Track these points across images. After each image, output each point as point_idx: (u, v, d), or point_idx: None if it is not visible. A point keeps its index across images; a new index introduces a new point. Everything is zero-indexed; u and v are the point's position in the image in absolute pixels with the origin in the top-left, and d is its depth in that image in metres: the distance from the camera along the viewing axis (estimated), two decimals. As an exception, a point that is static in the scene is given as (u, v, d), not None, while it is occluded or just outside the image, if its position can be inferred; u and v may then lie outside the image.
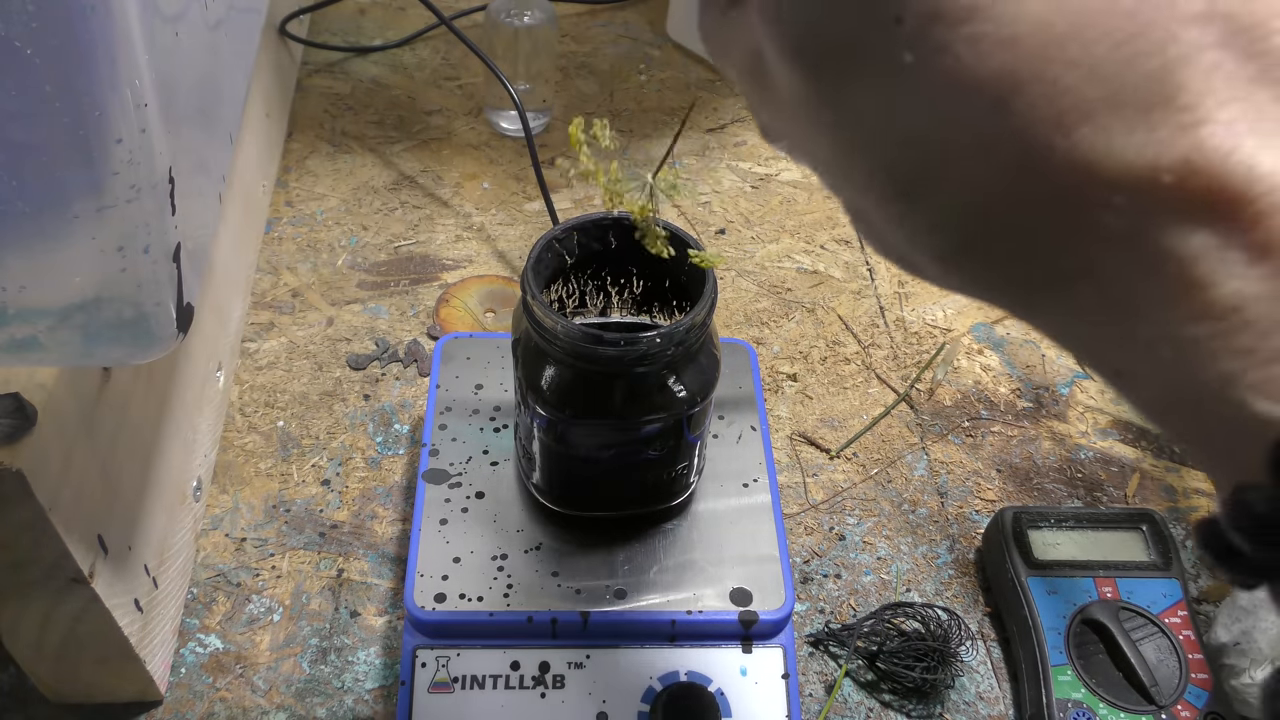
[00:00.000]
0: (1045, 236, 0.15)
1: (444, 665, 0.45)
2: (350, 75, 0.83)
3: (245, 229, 0.65)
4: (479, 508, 0.48)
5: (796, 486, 0.59)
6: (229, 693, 0.49)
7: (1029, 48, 0.14)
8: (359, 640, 0.51)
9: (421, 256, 0.70)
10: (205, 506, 0.56)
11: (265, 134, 0.71)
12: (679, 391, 0.42)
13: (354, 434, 0.60)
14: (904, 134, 0.16)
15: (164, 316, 0.34)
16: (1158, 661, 0.49)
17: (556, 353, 0.40)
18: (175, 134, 0.33)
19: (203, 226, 0.38)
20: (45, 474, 0.36)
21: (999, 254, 0.16)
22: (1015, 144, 0.14)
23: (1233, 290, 0.14)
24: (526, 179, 0.76)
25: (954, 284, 0.17)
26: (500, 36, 0.74)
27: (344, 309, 0.66)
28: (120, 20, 0.28)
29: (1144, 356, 0.15)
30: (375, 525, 0.56)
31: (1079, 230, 0.14)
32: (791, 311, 0.68)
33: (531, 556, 0.47)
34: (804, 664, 0.52)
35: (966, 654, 0.52)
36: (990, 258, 0.16)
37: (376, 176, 0.75)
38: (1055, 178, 0.14)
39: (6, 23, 0.25)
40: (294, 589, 0.53)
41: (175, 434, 0.51)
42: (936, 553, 0.57)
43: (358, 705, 0.49)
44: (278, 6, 0.77)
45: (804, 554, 0.56)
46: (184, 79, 0.35)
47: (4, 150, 0.28)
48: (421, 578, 0.45)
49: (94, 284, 0.32)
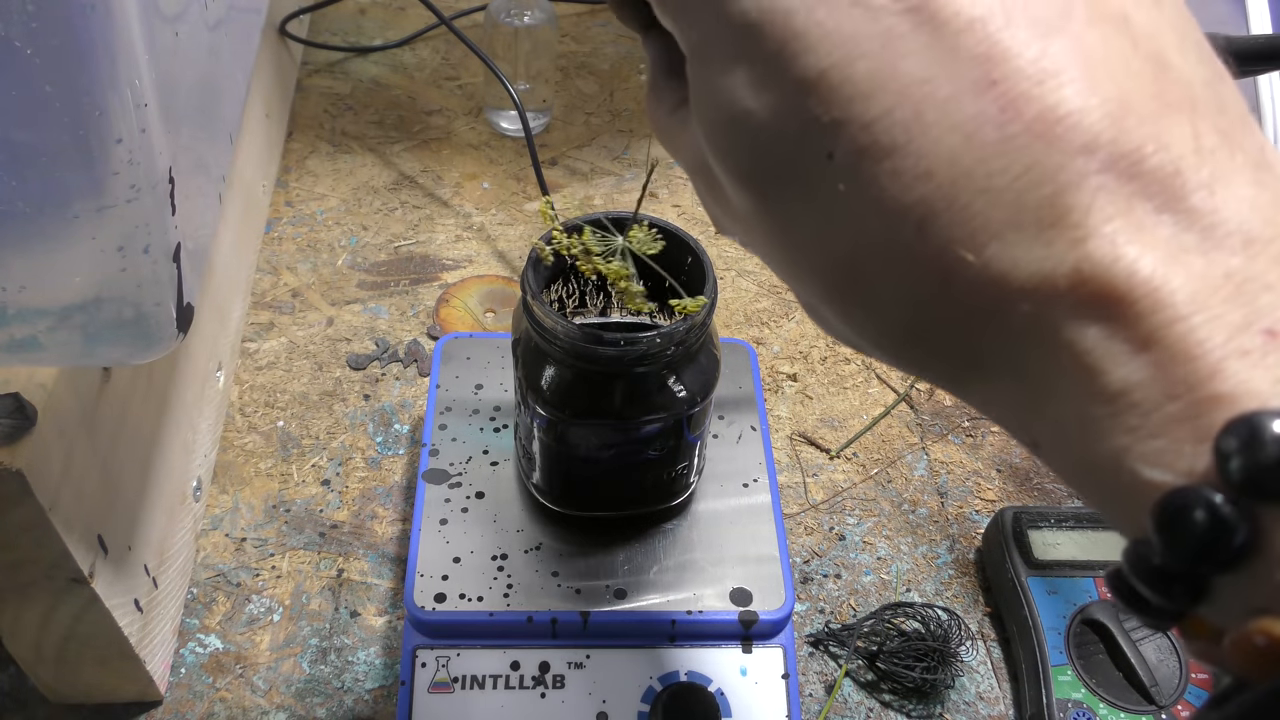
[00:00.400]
0: (969, 333, 0.18)
1: (444, 665, 0.45)
2: (350, 75, 0.83)
3: (245, 229, 0.65)
4: (479, 508, 0.48)
5: (796, 486, 0.59)
6: (229, 693, 0.49)
7: (943, 179, 0.16)
8: (359, 640, 0.51)
9: (421, 256, 0.70)
10: (205, 506, 0.56)
11: (265, 134, 0.71)
12: (679, 391, 0.42)
13: (354, 434, 0.60)
14: (843, 250, 0.18)
15: (164, 316, 0.34)
16: (1158, 661, 0.49)
17: (556, 353, 0.40)
18: (175, 134, 0.33)
19: (203, 226, 0.38)
20: (45, 474, 0.36)
21: (932, 347, 0.18)
22: (938, 260, 0.17)
23: (1120, 377, 0.16)
24: (526, 179, 0.76)
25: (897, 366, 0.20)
26: (500, 36, 0.74)
27: (344, 309, 0.66)
28: (120, 20, 0.28)
29: (1054, 431, 0.17)
30: (375, 525, 0.56)
31: (996, 328, 0.17)
32: (791, 311, 0.68)
33: (531, 556, 0.47)
34: (804, 664, 0.52)
35: (966, 654, 0.52)
36: (925, 350, 0.18)
37: (376, 176, 0.75)
38: (972, 287, 0.17)
39: (6, 23, 0.25)
40: (294, 589, 0.53)
41: (175, 434, 0.51)
42: (936, 553, 0.57)
43: (358, 705, 0.49)
44: (278, 6, 0.77)
45: (804, 554, 0.56)
46: (184, 79, 0.35)
47: (4, 150, 0.28)
48: (421, 578, 0.45)
49: (94, 284, 0.32)
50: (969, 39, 0.16)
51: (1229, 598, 0.16)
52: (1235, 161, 0.17)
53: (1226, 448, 0.15)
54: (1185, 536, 0.15)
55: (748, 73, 0.18)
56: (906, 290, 0.18)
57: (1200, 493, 0.15)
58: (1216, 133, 0.17)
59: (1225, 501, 0.15)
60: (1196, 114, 0.17)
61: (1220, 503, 0.15)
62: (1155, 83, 0.17)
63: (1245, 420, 0.15)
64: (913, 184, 0.17)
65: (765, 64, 0.18)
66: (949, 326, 0.18)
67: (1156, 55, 0.17)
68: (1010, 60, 0.16)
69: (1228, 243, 0.16)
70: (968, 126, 0.16)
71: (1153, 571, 0.16)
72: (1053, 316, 0.17)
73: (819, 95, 0.17)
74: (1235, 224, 0.16)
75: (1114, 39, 0.17)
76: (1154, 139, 0.16)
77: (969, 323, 0.17)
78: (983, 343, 0.18)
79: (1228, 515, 0.15)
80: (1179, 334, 0.16)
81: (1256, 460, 0.15)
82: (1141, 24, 0.17)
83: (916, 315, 0.18)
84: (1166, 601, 0.16)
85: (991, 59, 0.16)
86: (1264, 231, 0.16)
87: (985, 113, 0.16)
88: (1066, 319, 0.16)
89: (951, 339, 0.18)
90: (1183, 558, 0.16)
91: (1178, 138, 0.16)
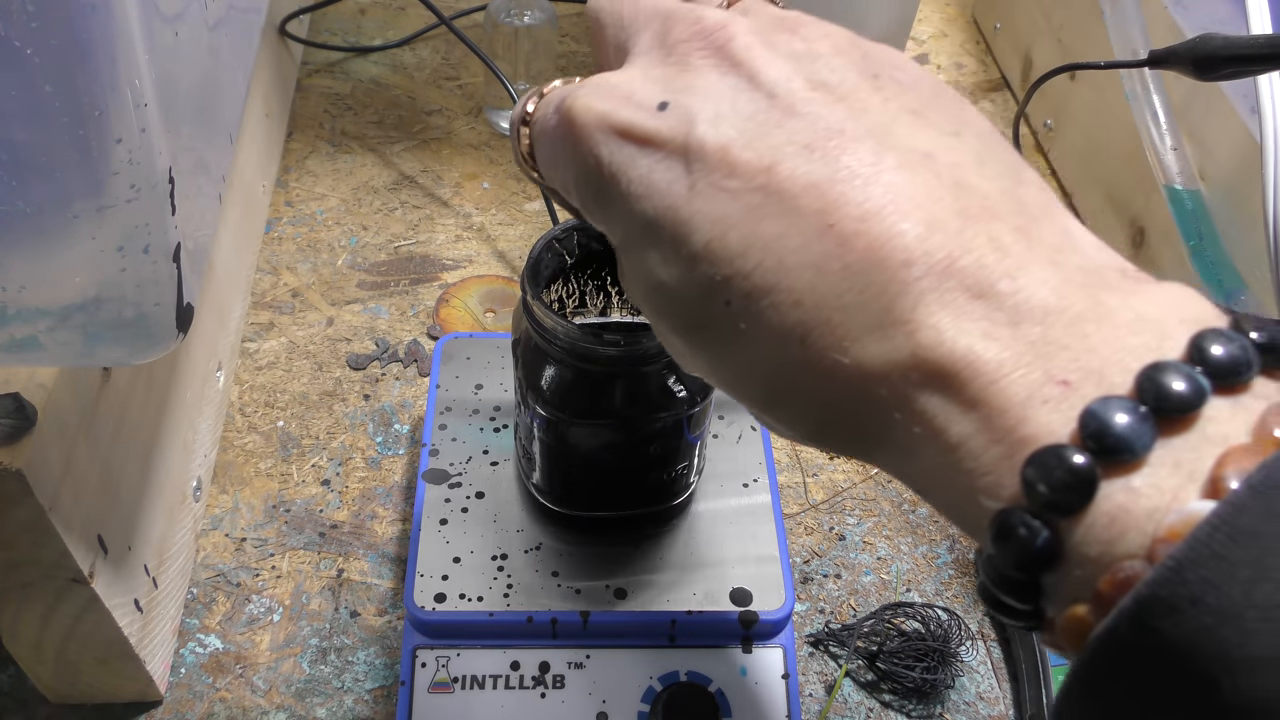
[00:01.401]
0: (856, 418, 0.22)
1: (444, 665, 0.45)
2: (350, 75, 0.83)
3: (245, 229, 0.65)
4: (479, 508, 0.48)
5: (796, 486, 0.59)
6: (229, 693, 0.49)
7: (809, 304, 0.22)
8: (359, 640, 0.51)
9: (421, 256, 0.70)
10: (205, 506, 0.56)
11: (265, 134, 0.71)
12: (679, 391, 0.42)
13: (354, 434, 0.60)
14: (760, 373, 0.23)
15: (164, 316, 0.34)
16: (1158, 661, 0.49)
17: (556, 353, 0.40)
18: (175, 134, 0.33)
19: (203, 226, 0.38)
20: (45, 474, 0.36)
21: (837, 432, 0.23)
22: (819, 365, 0.22)
23: (958, 432, 0.21)
24: (526, 179, 0.76)
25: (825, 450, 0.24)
26: (500, 36, 0.74)
27: (344, 309, 0.66)
28: (120, 20, 0.28)
29: (926, 479, 0.22)
30: (375, 525, 0.56)
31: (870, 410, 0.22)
32: (791, 311, 0.68)
33: (531, 556, 0.47)
34: (804, 664, 0.52)
35: (966, 654, 0.52)
36: (834, 436, 0.23)
37: (376, 176, 0.75)
38: (849, 382, 0.22)
39: (6, 23, 0.25)
40: (294, 589, 0.53)
41: (175, 434, 0.51)
42: (936, 553, 0.57)
43: (358, 705, 0.49)
44: (278, 6, 0.77)
45: (804, 554, 0.56)
46: (184, 79, 0.35)
47: (4, 150, 0.28)
48: (421, 578, 0.45)
49: (94, 284, 0.32)
50: (807, 199, 0.22)
51: (1054, 595, 0.20)
52: (1033, 251, 0.21)
53: (1030, 477, 0.19)
54: (1008, 548, 0.20)
55: (657, 254, 0.24)
56: (809, 395, 0.23)
57: (1015, 513, 0.20)
58: (1015, 230, 0.21)
59: (1033, 518, 0.19)
60: (995, 219, 0.21)
61: (1029, 519, 0.19)
62: (957, 201, 0.21)
63: (1040, 453, 0.19)
64: (790, 311, 0.22)
65: (666, 247, 0.23)
66: (842, 416, 0.23)
67: (957, 180, 0.22)
68: (840, 208, 0.21)
69: (1030, 316, 0.20)
70: (818, 263, 0.21)
71: (1003, 580, 0.20)
72: (904, 393, 0.21)
73: (708, 261, 0.23)
74: (1036, 301, 0.20)
75: (920, 174, 0.22)
76: (959, 245, 0.21)
77: (855, 410, 0.22)
78: (867, 423, 0.22)
79: (1034, 528, 0.19)
80: (995, 393, 0.20)
81: (1050, 483, 0.19)
82: (942, 157, 0.22)
83: (821, 412, 0.23)
84: (1019, 603, 0.20)
85: (825, 210, 0.21)
86: (1059, 304, 0.20)
87: (828, 250, 0.21)
88: (914, 393, 0.21)
89: (847, 425, 0.23)
90: (1012, 565, 0.20)
91: (980, 242, 0.21)
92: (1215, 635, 0.17)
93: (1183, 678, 0.17)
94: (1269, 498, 0.17)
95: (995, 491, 0.20)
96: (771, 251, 0.22)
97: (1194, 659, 0.17)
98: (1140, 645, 0.17)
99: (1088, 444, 0.19)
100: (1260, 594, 0.17)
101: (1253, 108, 0.52)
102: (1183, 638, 0.17)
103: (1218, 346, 0.19)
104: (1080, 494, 0.19)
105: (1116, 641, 0.18)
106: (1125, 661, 0.18)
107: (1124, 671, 0.18)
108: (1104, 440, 0.19)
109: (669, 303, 0.24)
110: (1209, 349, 0.19)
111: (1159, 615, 0.17)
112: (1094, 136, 0.73)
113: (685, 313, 0.24)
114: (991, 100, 0.88)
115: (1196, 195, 0.62)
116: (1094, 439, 0.19)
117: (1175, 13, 0.64)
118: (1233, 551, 0.17)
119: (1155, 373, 0.19)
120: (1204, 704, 0.17)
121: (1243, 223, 0.57)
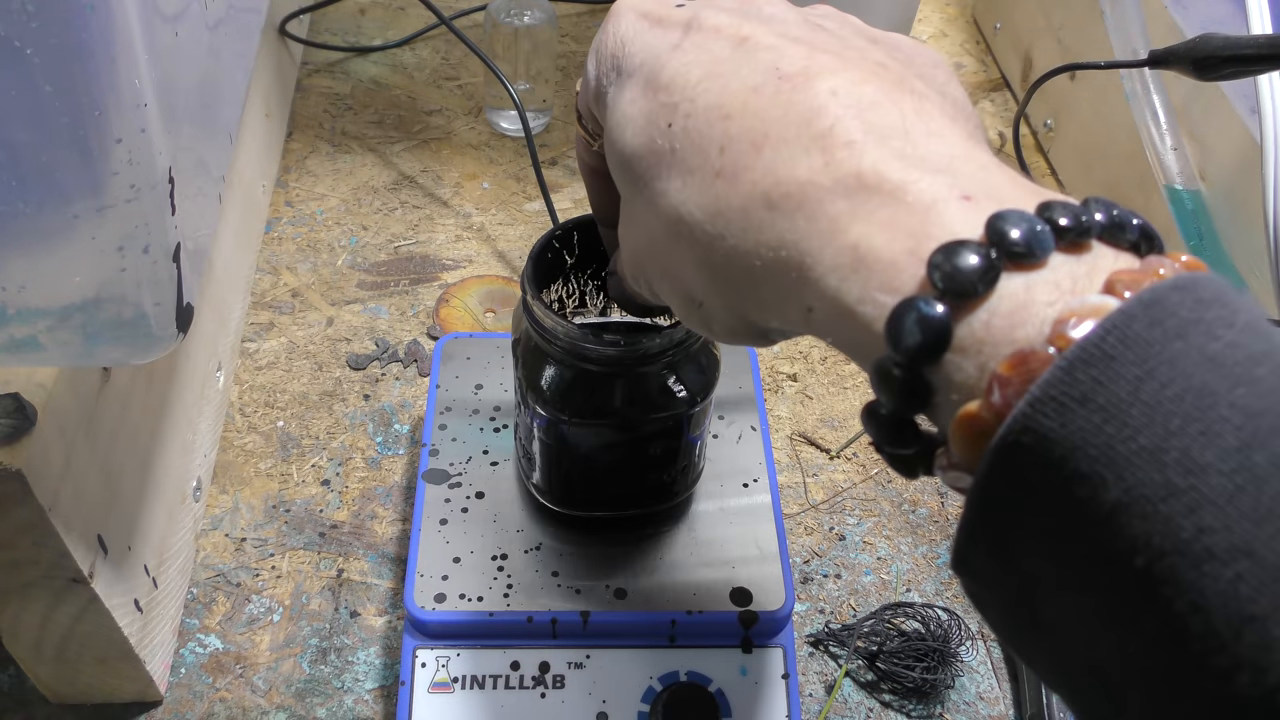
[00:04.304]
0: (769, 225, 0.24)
1: (444, 665, 0.45)
2: (350, 75, 0.83)
3: (245, 229, 0.65)
4: (479, 508, 0.48)
5: (796, 486, 0.59)
6: (229, 693, 0.49)
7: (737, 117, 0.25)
8: (359, 640, 0.51)
9: (421, 256, 0.70)
10: (205, 506, 0.56)
11: (265, 134, 0.71)
12: (679, 391, 0.42)
13: (354, 434, 0.60)
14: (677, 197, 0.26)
15: (164, 316, 0.34)
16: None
17: (556, 353, 0.40)
18: (175, 134, 0.33)
19: (203, 226, 0.38)
20: (45, 474, 0.36)
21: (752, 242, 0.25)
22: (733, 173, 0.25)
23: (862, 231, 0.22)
24: (526, 179, 0.76)
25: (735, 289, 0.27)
26: (500, 36, 0.74)
27: (344, 309, 0.66)
28: (120, 20, 0.28)
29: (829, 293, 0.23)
30: (375, 525, 0.56)
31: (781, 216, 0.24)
32: (791, 311, 0.68)
33: (531, 556, 0.47)
34: (804, 664, 0.52)
35: (966, 654, 0.52)
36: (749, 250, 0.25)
37: (376, 176, 0.75)
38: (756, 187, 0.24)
39: (6, 23, 0.25)
40: (294, 589, 0.53)
41: (175, 434, 0.51)
42: (936, 553, 0.57)
43: (358, 705, 0.49)
44: (278, 6, 0.77)
45: (804, 554, 0.56)
46: (184, 79, 0.35)
47: (4, 150, 0.28)
48: (421, 578, 0.45)
49: (94, 284, 0.32)
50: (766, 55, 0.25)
51: (946, 396, 0.21)
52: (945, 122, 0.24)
53: (935, 260, 0.20)
54: (903, 334, 0.21)
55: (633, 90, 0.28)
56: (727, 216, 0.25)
57: (915, 299, 0.21)
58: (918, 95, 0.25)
59: (931, 301, 0.20)
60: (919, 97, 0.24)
61: (928, 299, 0.20)
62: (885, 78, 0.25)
63: (949, 244, 0.20)
64: (719, 123, 0.25)
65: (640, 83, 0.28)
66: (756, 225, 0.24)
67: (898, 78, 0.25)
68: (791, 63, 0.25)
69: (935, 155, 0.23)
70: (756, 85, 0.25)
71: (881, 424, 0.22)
72: (815, 199, 0.23)
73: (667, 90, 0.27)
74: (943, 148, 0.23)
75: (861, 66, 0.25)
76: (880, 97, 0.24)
77: (764, 220, 0.24)
78: (775, 234, 0.24)
79: (932, 304, 0.20)
80: (904, 195, 0.22)
81: (955, 264, 0.20)
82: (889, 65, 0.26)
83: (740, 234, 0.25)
84: (906, 411, 0.22)
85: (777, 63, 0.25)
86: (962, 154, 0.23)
87: (768, 82, 0.25)
88: (825, 198, 0.23)
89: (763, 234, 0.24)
90: (906, 354, 0.21)
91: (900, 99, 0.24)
92: (1103, 432, 0.18)
93: (1072, 477, 0.18)
94: (1156, 311, 0.18)
95: (897, 285, 0.21)
96: (720, 78, 0.26)
97: (1081, 457, 0.18)
98: (1033, 449, 0.18)
99: (993, 241, 0.20)
100: (1146, 391, 0.18)
101: (1253, 108, 0.52)
102: (1070, 437, 0.18)
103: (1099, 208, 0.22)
104: (983, 279, 0.20)
105: (1011, 447, 0.18)
106: (1020, 470, 0.18)
107: (1019, 479, 0.19)
108: (1007, 240, 0.20)
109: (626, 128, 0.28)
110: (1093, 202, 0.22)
111: (1049, 416, 0.18)
112: (1094, 136, 0.73)
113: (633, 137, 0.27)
114: (991, 100, 0.88)
115: (1196, 195, 0.62)
116: (998, 238, 0.20)
117: (1175, 13, 0.64)
118: (1122, 353, 0.18)
119: (1054, 203, 0.21)
120: (1093, 502, 0.18)
121: (1243, 223, 0.57)
